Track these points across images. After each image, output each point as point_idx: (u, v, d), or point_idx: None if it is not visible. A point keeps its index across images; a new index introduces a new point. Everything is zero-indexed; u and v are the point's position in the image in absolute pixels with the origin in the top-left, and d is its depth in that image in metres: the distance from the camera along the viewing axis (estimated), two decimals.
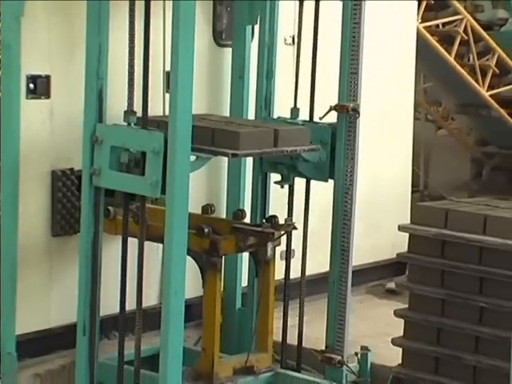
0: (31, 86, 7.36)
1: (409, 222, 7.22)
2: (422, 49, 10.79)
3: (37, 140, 7.50)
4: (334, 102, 7.23)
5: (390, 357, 7.07)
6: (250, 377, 7.29)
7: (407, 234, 6.96)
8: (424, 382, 6.78)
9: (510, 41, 10.93)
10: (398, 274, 7.83)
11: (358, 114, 7.10)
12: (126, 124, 6.51)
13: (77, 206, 7.65)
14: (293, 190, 7.81)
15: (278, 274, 7.62)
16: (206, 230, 7.02)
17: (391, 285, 8.10)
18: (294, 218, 7.72)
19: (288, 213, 7.61)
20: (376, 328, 8.18)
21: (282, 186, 7.75)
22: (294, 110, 7.87)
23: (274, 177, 7.96)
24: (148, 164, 6.15)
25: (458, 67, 12.33)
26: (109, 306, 7.31)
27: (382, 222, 9.10)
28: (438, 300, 6.70)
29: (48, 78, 7.49)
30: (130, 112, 6.46)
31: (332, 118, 7.30)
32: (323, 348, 7.52)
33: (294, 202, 7.95)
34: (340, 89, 7.20)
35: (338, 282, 7.26)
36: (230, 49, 8.42)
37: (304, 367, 7.78)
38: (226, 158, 7.97)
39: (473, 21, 13.05)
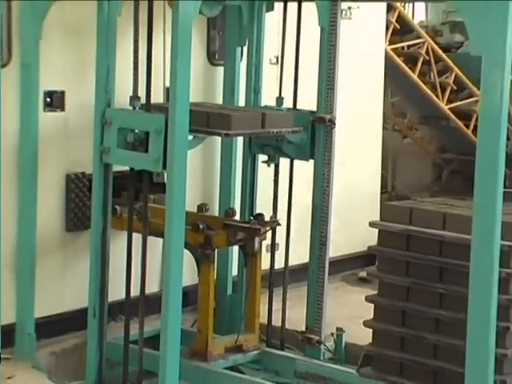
0: (48, 100, 7.64)
1: (378, 219, 7.30)
2: (390, 68, 11.14)
3: (53, 147, 7.74)
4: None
5: (362, 337, 7.13)
6: (240, 354, 7.59)
7: (377, 230, 7.03)
8: (391, 358, 6.83)
9: (466, 61, 10.97)
10: (369, 264, 7.84)
11: (334, 124, 7.40)
12: (131, 108, 6.73)
13: (88, 205, 7.85)
14: (277, 192, 7.94)
15: (264, 264, 7.85)
16: (201, 226, 7.30)
17: (363, 274, 8.10)
18: (278, 216, 7.91)
19: (273, 211, 7.80)
20: (349, 312, 8.33)
21: (269, 165, 7.93)
22: (279, 99, 8.07)
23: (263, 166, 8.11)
24: (151, 142, 6.37)
25: (421, 84, 12.59)
26: (116, 292, 7.45)
27: (355, 219, 9.26)
28: (404, 287, 6.76)
29: (63, 93, 7.79)
30: (134, 97, 6.71)
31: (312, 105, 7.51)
32: (303, 329, 7.80)
33: (279, 203, 8.07)
34: (318, 102, 7.50)
35: (317, 272, 7.56)
36: (222, 68, 8.65)
37: (287, 346, 8.02)
38: (218, 162, 8.37)
39: (433, 44, 13.37)
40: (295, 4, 8.06)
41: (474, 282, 5.62)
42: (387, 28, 11.23)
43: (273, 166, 8.11)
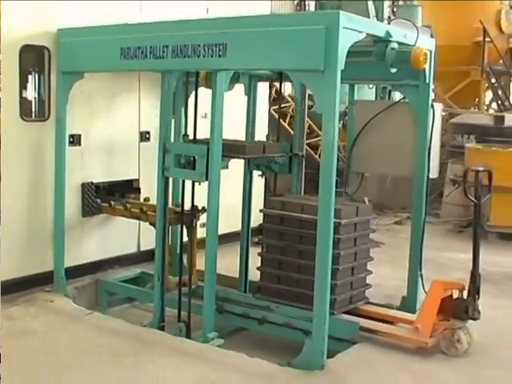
0: (71, 139, 8.24)
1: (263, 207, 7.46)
2: (270, 120, 11.46)
3: (74, 168, 8.31)
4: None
5: (256, 276, 7.53)
6: (185, 288, 7.68)
7: (262, 214, 7.38)
8: (272, 288, 7.20)
9: (315, 115, 11.67)
10: (260, 234, 7.55)
11: (304, 157, 8.10)
12: (182, 142, 7.23)
13: (94, 201, 8.57)
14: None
15: (199, 235, 8.10)
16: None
17: (255, 239, 7.85)
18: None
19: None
20: (251, 262, 8.29)
21: (262, 177, 8.38)
22: (267, 137, 8.84)
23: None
24: (197, 163, 6.79)
25: (289, 128, 13.13)
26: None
27: (255, 208, 8.31)
28: (279, 247, 7.17)
29: (79, 135, 8.38)
30: (185, 135, 7.28)
31: None
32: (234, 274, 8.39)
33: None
34: (293, 143, 8.08)
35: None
36: None
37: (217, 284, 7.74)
38: None
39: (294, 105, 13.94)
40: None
41: (319, 243, 6.10)
42: (270, 95, 11.64)
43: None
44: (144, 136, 9.24)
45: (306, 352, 6.24)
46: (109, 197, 8.71)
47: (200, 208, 8.05)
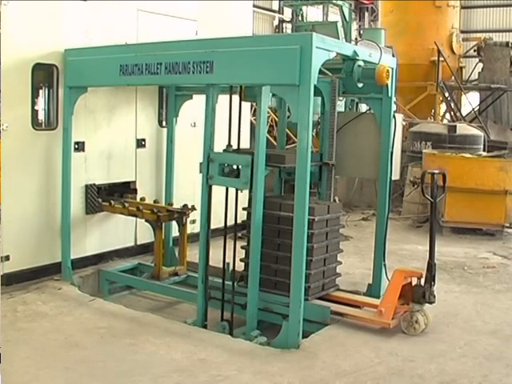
0: (76, 146, 8.18)
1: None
2: (252, 129, 10.12)
3: (79, 171, 8.26)
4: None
5: (240, 267, 7.21)
6: (176, 277, 8.26)
7: (246, 212, 7.01)
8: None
9: (291, 125, 10.33)
10: (244, 229, 7.21)
11: (334, 165, 7.59)
12: (226, 151, 6.82)
13: (96, 200, 8.48)
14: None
15: (189, 230, 8.34)
16: (155, 210, 8.06)
17: (239, 234, 7.35)
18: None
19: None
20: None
21: (291, 185, 7.39)
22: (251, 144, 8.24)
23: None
24: (242, 172, 6.50)
25: (269, 137, 12.19)
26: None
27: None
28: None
29: (84, 142, 8.33)
30: (228, 145, 6.93)
31: None
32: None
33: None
34: (322, 151, 7.58)
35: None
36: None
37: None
38: None
39: (275, 116, 13.80)
40: None
41: (295, 237, 6.11)
42: (251, 107, 11.36)
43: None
44: (140, 143, 9.17)
45: (283, 333, 6.24)
46: (109, 197, 8.66)
47: (190, 207, 8.14)
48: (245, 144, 8.96)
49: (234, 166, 6.69)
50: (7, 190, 7.04)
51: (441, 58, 18.90)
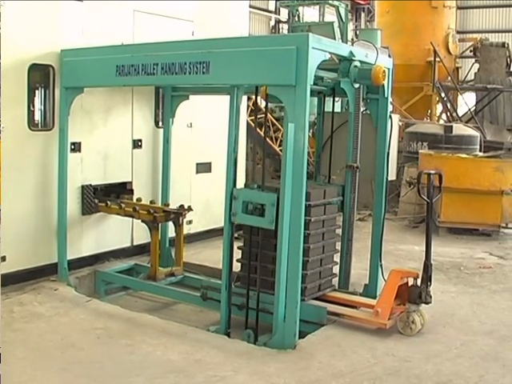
0: (72, 146, 8.18)
1: None
2: (249, 128, 11.37)
3: (75, 172, 8.27)
4: None
5: (236, 267, 7.13)
6: (173, 277, 8.27)
7: None
8: (250, 277, 6.84)
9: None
10: (240, 229, 7.14)
11: (358, 168, 7.47)
12: (249, 188, 6.55)
13: (93, 201, 8.48)
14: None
15: (185, 231, 8.46)
16: (152, 211, 8.06)
17: (236, 235, 6.79)
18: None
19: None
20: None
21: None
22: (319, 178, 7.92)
23: None
24: (267, 211, 6.19)
25: (268, 141, 12.99)
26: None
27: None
28: (256, 241, 6.74)
29: (80, 143, 8.34)
30: (251, 181, 6.85)
31: None
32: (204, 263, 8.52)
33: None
34: (347, 156, 7.46)
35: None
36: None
37: (198, 273, 8.44)
38: None
39: (271, 117, 14.21)
40: None
41: (292, 238, 6.02)
42: (248, 108, 11.68)
43: None
44: (136, 143, 9.19)
45: (279, 333, 6.22)
46: (105, 197, 8.67)
47: (186, 207, 8.18)
48: (241, 144, 8.85)
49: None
50: (3, 190, 6.98)
51: (437, 59, 18.91)
